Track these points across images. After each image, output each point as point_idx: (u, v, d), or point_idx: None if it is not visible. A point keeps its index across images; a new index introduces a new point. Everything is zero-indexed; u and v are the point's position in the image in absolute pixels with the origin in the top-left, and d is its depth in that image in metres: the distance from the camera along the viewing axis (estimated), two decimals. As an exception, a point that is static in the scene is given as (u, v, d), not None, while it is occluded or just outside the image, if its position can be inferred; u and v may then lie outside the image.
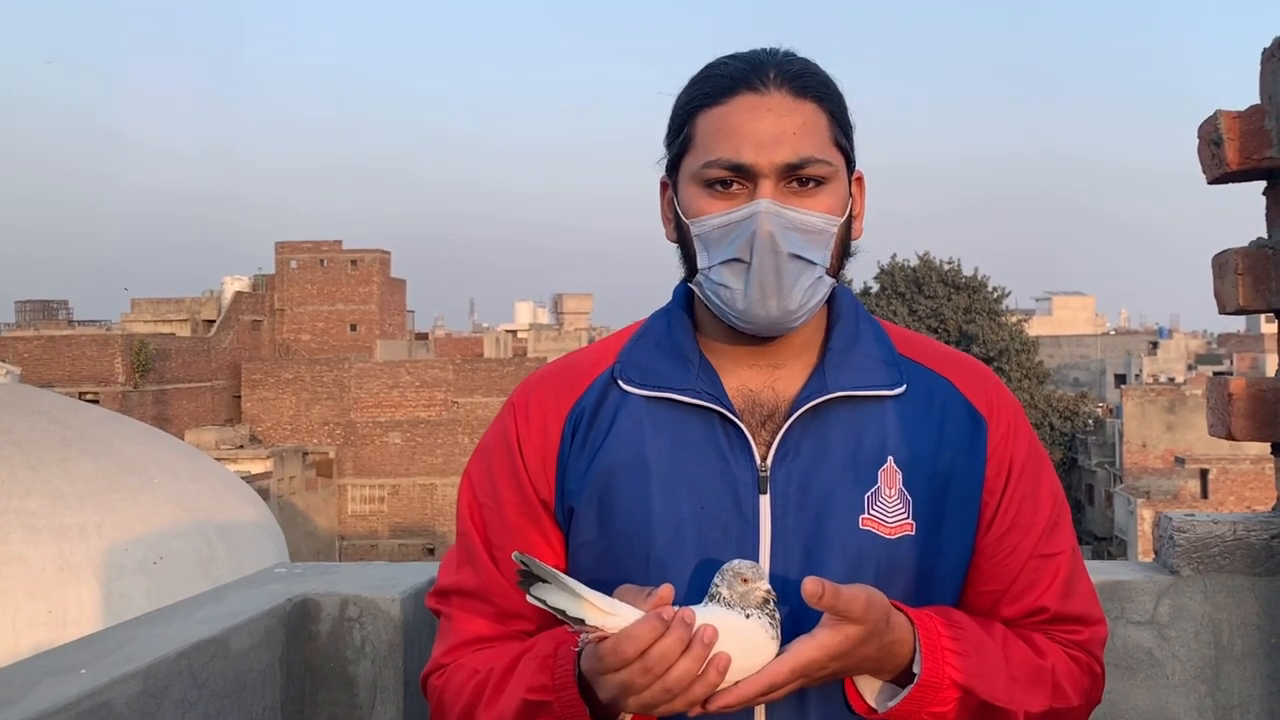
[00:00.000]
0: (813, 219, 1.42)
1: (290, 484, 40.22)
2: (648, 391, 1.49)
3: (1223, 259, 2.32)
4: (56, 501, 10.25)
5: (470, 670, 1.48)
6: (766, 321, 1.42)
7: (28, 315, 58.78)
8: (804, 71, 1.45)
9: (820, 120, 1.44)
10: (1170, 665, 2.16)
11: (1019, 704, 1.41)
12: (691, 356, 1.50)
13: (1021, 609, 1.49)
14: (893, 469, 1.45)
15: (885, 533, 1.43)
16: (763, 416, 1.47)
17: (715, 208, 1.43)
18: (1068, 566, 1.52)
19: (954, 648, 1.38)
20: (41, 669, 1.64)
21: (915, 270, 48.32)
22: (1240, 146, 2.20)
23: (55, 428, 11.43)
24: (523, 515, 1.50)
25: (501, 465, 1.52)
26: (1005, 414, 1.53)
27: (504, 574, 1.49)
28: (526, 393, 1.56)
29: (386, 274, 56.71)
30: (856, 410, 1.47)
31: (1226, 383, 2.29)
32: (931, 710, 1.37)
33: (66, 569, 9.78)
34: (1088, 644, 1.52)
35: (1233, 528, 2.17)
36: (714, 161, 1.41)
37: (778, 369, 1.50)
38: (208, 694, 1.80)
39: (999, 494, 1.50)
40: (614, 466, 1.46)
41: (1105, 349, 70.10)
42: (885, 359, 1.52)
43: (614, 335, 1.61)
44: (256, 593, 2.14)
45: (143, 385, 42.35)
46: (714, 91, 1.44)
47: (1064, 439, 47.45)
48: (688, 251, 1.49)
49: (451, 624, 1.53)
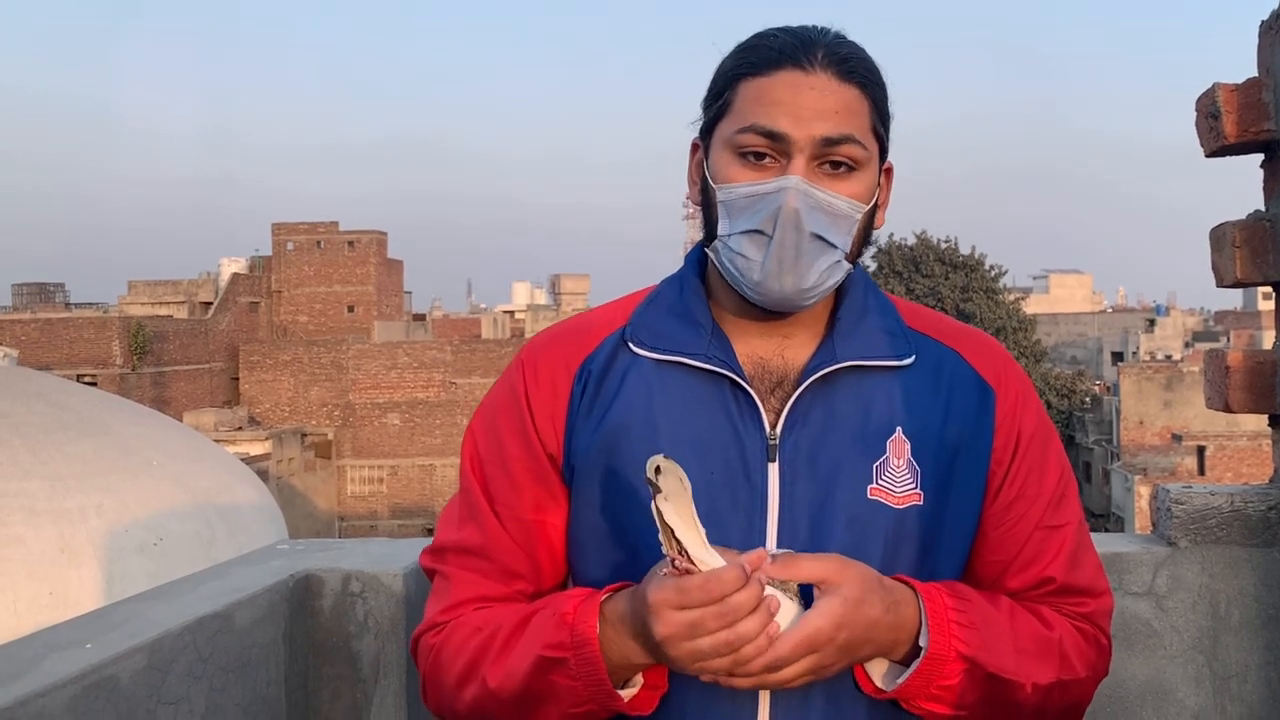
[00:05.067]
0: (839, 202, 1.41)
1: (289, 465, 40.26)
2: (658, 355, 1.48)
3: (1220, 232, 2.32)
4: (56, 484, 10.25)
5: (473, 628, 1.47)
6: (779, 297, 1.41)
7: (25, 298, 58.69)
8: (852, 56, 1.43)
9: (862, 105, 1.43)
10: (1168, 636, 2.17)
11: (1026, 675, 1.41)
12: (704, 322, 1.50)
13: (1028, 580, 1.50)
14: (901, 439, 1.45)
15: (893, 502, 1.43)
16: (772, 384, 1.47)
17: (745, 177, 1.42)
18: (1074, 538, 1.52)
19: (960, 620, 1.38)
20: (47, 644, 1.65)
21: (912, 249, 48.32)
22: (1238, 119, 2.21)
23: (54, 410, 11.42)
24: (529, 471, 1.50)
25: (508, 421, 1.52)
26: (1013, 385, 1.54)
27: (508, 531, 1.49)
28: (535, 350, 1.56)
29: (383, 255, 56.67)
30: (865, 380, 1.48)
31: (1224, 355, 2.29)
32: (939, 684, 1.37)
33: (67, 551, 9.79)
34: (1094, 616, 1.52)
35: (1230, 499, 2.18)
36: (750, 127, 1.40)
37: (788, 338, 1.50)
38: (212, 668, 1.81)
39: (1006, 464, 1.50)
40: (622, 427, 1.46)
41: (1102, 327, 70.10)
42: (894, 331, 1.52)
43: (625, 298, 1.60)
44: (259, 569, 2.15)
45: (140, 367, 42.34)
46: (760, 62, 1.42)
47: (1061, 417, 47.50)
48: (709, 216, 1.48)
49: (449, 582, 1.52)
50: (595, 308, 1.64)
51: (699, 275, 1.55)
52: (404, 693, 2.13)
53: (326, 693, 2.14)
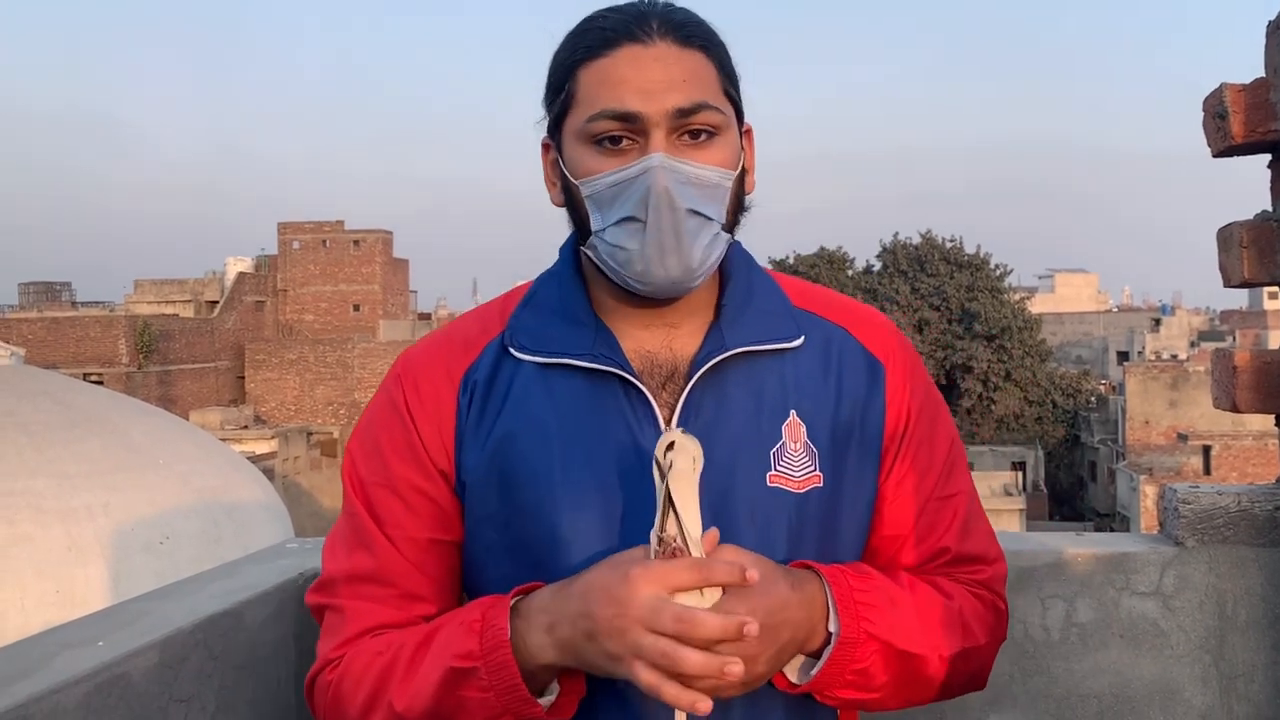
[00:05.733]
0: (708, 172, 1.36)
1: (295, 464, 40.28)
2: (542, 358, 1.43)
3: (1227, 232, 2.33)
4: (63, 482, 10.28)
5: (373, 653, 1.39)
6: (666, 281, 1.36)
7: (31, 297, 58.78)
8: (688, 21, 1.39)
9: (709, 69, 1.38)
10: (1175, 636, 2.18)
11: (933, 649, 1.41)
12: (586, 320, 1.44)
13: (923, 552, 1.49)
14: (796, 422, 1.43)
15: (794, 487, 1.41)
16: (662, 378, 1.43)
17: (605, 165, 1.36)
18: (966, 507, 1.53)
19: (867, 600, 1.37)
20: (59, 641, 1.65)
21: (917, 248, 48.29)
22: (1245, 119, 2.21)
23: (60, 409, 11.46)
24: (418, 490, 1.43)
25: (392, 439, 1.45)
26: (902, 359, 1.52)
27: (403, 553, 1.43)
28: (413, 362, 1.48)
29: (389, 254, 56.73)
30: (755, 365, 1.44)
31: (1231, 355, 2.30)
32: (853, 669, 1.36)
33: (74, 549, 9.82)
34: (990, 582, 1.53)
35: (1237, 499, 2.18)
36: (600, 113, 1.34)
37: (674, 328, 1.45)
38: (223, 666, 1.81)
39: (898, 439, 1.49)
40: (514, 436, 1.40)
41: (1108, 326, 70.01)
42: (781, 312, 1.49)
43: (498, 300, 1.54)
44: (268, 567, 2.15)
45: (147, 366, 42.41)
46: (595, 44, 1.37)
47: (1066, 416, 47.45)
48: (578, 215, 1.42)
49: (344, 615, 1.44)
50: (470, 311, 1.57)
51: (575, 269, 1.49)
52: (413, 691, 2.14)
53: (336, 691, 2.15)
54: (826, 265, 48.70)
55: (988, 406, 46.41)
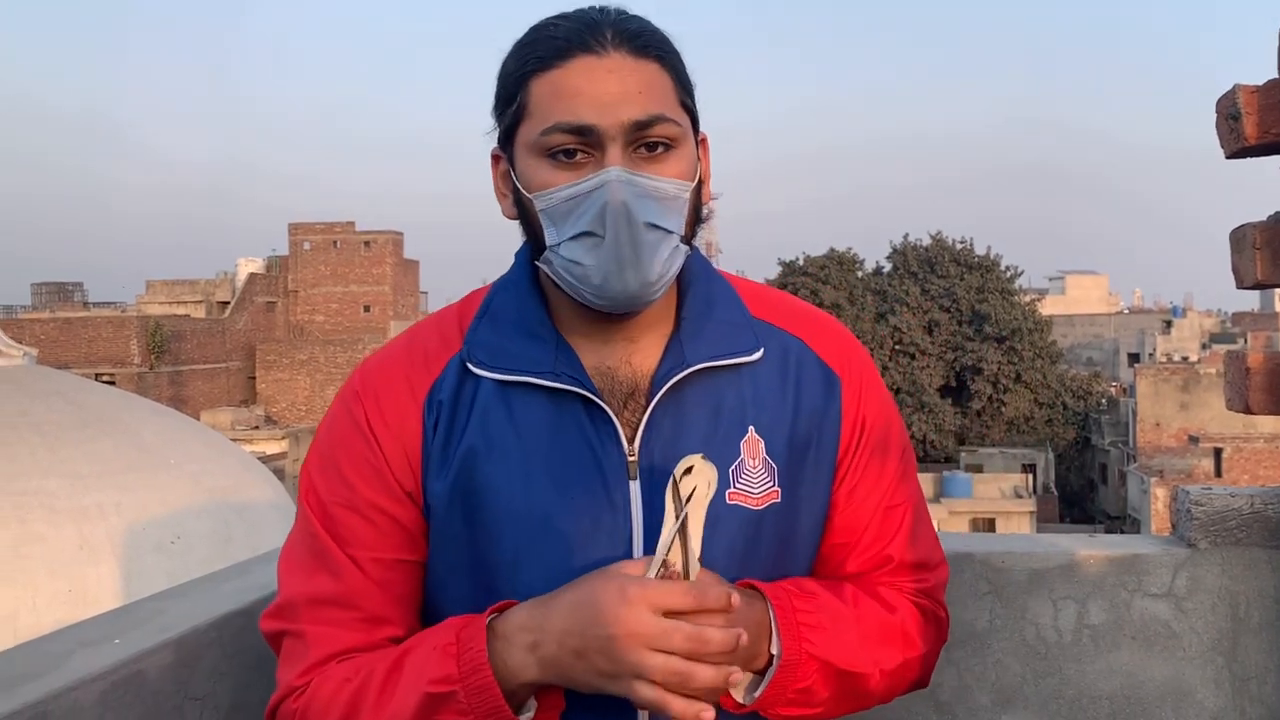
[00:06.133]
0: (665, 185, 1.33)
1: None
2: (503, 375, 1.39)
3: (1240, 233, 2.32)
4: (75, 482, 10.32)
5: (340, 679, 1.34)
6: (625, 297, 1.34)
7: (43, 297, 58.97)
8: (643, 30, 1.36)
9: (664, 80, 1.35)
10: (1187, 637, 2.17)
11: (874, 664, 1.42)
12: (545, 335, 1.41)
13: (869, 561, 1.50)
14: (754, 438, 1.42)
15: (753, 504, 1.41)
16: (623, 396, 1.41)
17: (560, 179, 1.32)
18: (912, 515, 1.53)
19: (809, 621, 1.37)
20: (76, 639, 1.66)
21: (927, 249, 48.22)
22: (1258, 121, 2.20)
23: (72, 409, 11.49)
24: (382, 511, 1.40)
25: (354, 457, 1.40)
26: (858, 369, 1.52)
27: (368, 574, 1.39)
28: (372, 378, 1.44)
29: (400, 255, 56.83)
30: (714, 381, 1.43)
31: (1245, 357, 2.29)
32: (795, 688, 1.36)
33: (86, 548, 9.85)
34: (933, 590, 1.54)
35: (1250, 501, 2.18)
36: (555, 126, 1.31)
37: (633, 342, 1.43)
38: (238, 665, 1.82)
39: (853, 449, 1.49)
40: (476, 454, 1.37)
41: (1119, 328, 69.85)
42: (740, 323, 1.47)
43: (455, 308, 1.51)
44: (282, 567, 2.16)
45: (158, 366, 42.54)
46: (547, 55, 1.33)
47: (1077, 418, 47.36)
48: (531, 228, 1.38)
49: (305, 641, 1.38)
50: (427, 319, 1.53)
51: (532, 280, 1.45)
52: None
53: (349, 689, 2.16)
54: (836, 266, 48.64)
55: (998, 408, 46.32)
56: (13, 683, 1.47)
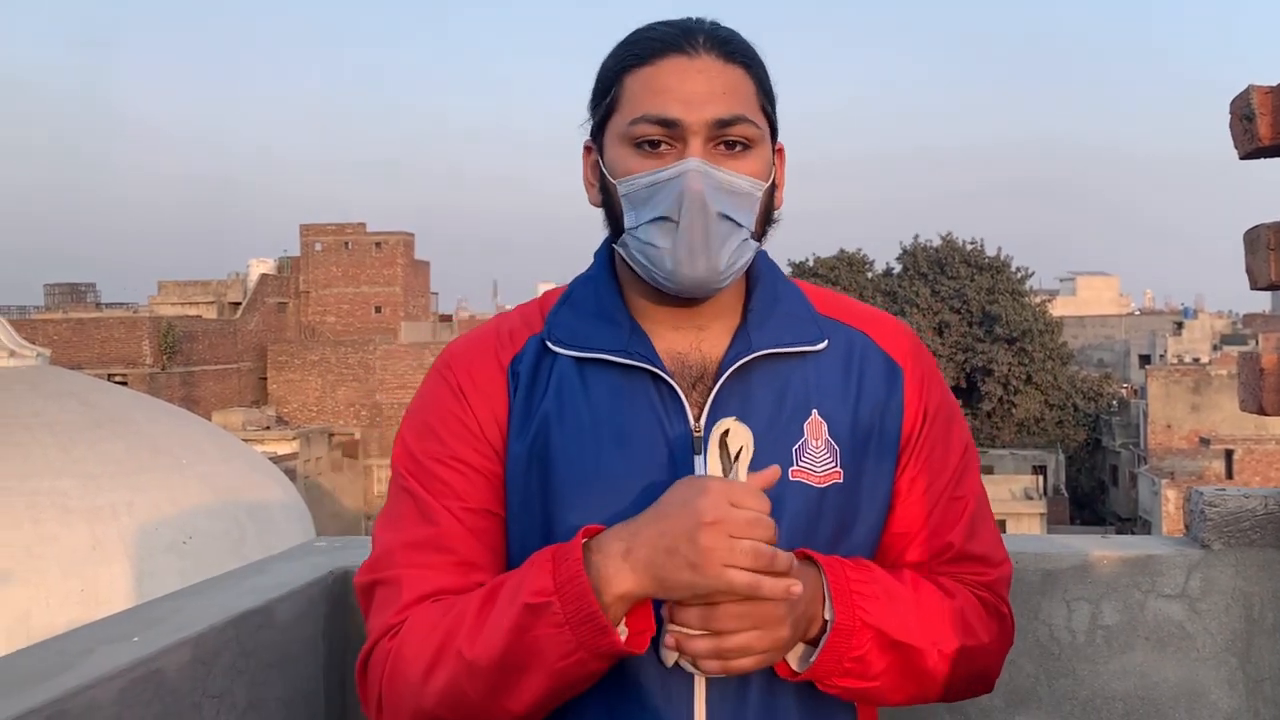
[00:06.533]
0: (740, 181, 1.43)
1: (316, 465, 40.44)
2: (579, 352, 1.49)
3: (1254, 234, 2.32)
4: (88, 482, 10.37)
5: (436, 613, 1.39)
6: (693, 282, 1.42)
7: (56, 298, 59.13)
8: (732, 39, 1.47)
9: (748, 85, 1.45)
10: (1201, 638, 2.18)
11: (931, 642, 1.45)
12: (621, 319, 1.50)
13: (929, 549, 1.54)
14: (817, 420, 1.49)
15: (815, 482, 1.46)
16: (692, 378, 1.49)
17: (644, 166, 1.43)
18: (973, 509, 1.57)
19: (863, 590, 1.41)
20: (95, 637, 1.68)
21: (938, 250, 48.16)
22: (1272, 121, 2.20)
23: (85, 409, 11.54)
24: (475, 467, 1.47)
25: (446, 417, 1.49)
26: (920, 363, 1.58)
27: (462, 522, 1.45)
28: (461, 351, 1.55)
29: (410, 256, 56.86)
30: (779, 367, 1.50)
31: (1258, 358, 2.29)
32: (850, 657, 1.40)
33: (98, 548, 9.89)
34: (994, 585, 1.56)
35: (1264, 502, 2.18)
36: (642, 117, 1.42)
37: (702, 330, 1.51)
38: (255, 663, 1.83)
39: (914, 439, 1.54)
40: (552, 423, 1.46)
41: (1130, 329, 69.67)
42: (806, 317, 1.55)
43: (536, 301, 1.60)
44: (298, 565, 2.18)
45: (170, 367, 42.62)
46: (643, 53, 1.45)
47: (1088, 420, 47.27)
48: (613, 213, 1.48)
49: (400, 584, 1.43)
50: (507, 311, 1.63)
51: (610, 273, 1.56)
52: (440, 689, 2.16)
53: (363, 688, 2.16)
54: (846, 267, 48.62)
55: (1008, 410, 46.24)
56: (31, 681, 1.48)
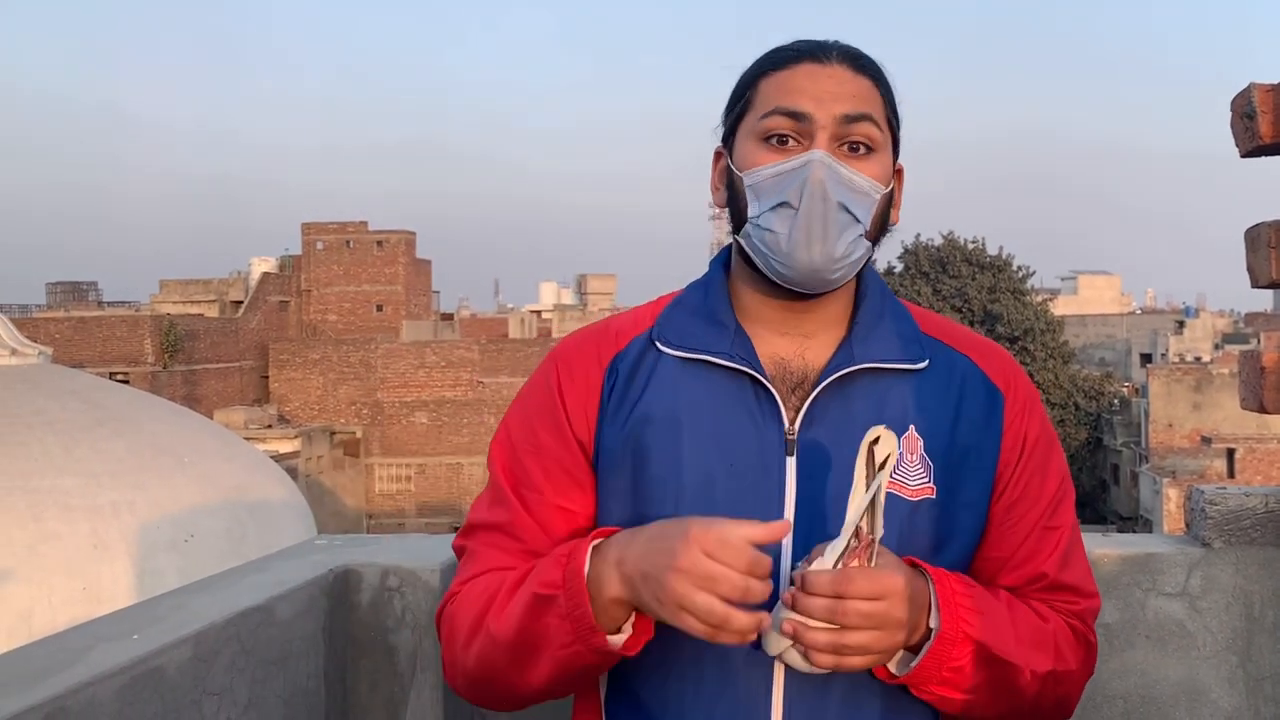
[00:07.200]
0: (860, 179, 1.49)
1: (318, 463, 40.44)
2: (684, 353, 1.55)
3: (1255, 232, 2.32)
4: (90, 480, 10.37)
5: (484, 585, 1.53)
6: (808, 266, 1.47)
7: (58, 297, 59.18)
8: (863, 55, 1.55)
9: (875, 95, 1.53)
10: (1202, 637, 2.18)
11: (1026, 661, 1.47)
12: (727, 323, 1.56)
13: (1022, 576, 1.56)
14: (914, 436, 1.52)
15: (907, 495, 1.50)
16: (792, 384, 1.53)
17: (771, 159, 1.49)
18: (1068, 540, 1.59)
19: (969, 604, 1.44)
20: (95, 634, 1.67)
21: (939, 249, 48.07)
22: (1274, 119, 2.20)
23: (87, 408, 11.55)
24: (558, 461, 1.56)
25: (541, 411, 1.58)
26: (1021, 390, 1.61)
27: (532, 513, 1.55)
28: (568, 347, 1.63)
29: (412, 255, 56.81)
30: (880, 382, 1.54)
31: (1259, 356, 2.29)
32: (950, 666, 1.42)
33: (100, 547, 9.89)
34: (1084, 614, 1.59)
35: (1265, 500, 2.18)
36: (774, 110, 1.49)
37: (808, 338, 1.56)
38: (255, 661, 1.83)
39: (1013, 466, 1.56)
40: (648, 419, 1.52)
41: (1131, 328, 69.56)
42: (909, 335, 1.59)
43: (652, 303, 1.67)
44: (299, 563, 2.18)
45: (172, 365, 42.57)
46: (779, 60, 1.53)
47: (1089, 419, 47.19)
48: (737, 206, 1.54)
49: (474, 557, 1.58)
50: (622, 312, 1.70)
51: (723, 279, 1.62)
52: (440, 686, 2.16)
53: (364, 686, 2.17)
54: (848, 266, 48.46)
55: (1010, 408, 46.09)
56: (32, 678, 1.48)
